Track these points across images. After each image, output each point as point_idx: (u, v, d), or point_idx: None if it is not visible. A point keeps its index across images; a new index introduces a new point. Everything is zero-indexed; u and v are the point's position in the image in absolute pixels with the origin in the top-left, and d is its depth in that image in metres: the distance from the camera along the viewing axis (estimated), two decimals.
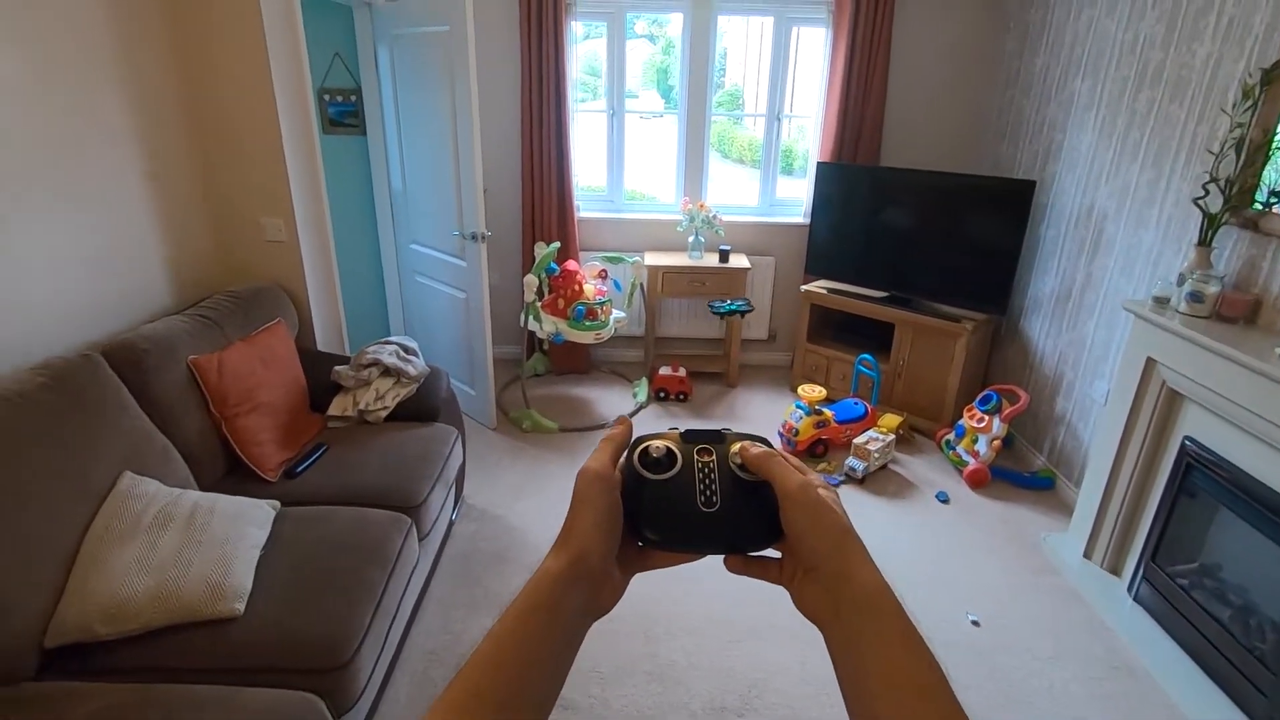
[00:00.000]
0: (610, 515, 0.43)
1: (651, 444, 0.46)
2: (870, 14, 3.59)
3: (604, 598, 0.43)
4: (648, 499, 0.44)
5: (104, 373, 1.83)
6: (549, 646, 0.40)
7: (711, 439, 0.47)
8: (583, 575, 0.41)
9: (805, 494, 0.43)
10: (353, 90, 3.66)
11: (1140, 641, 2.24)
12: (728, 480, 0.45)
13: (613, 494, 0.44)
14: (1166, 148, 2.52)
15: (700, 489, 0.44)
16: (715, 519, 0.44)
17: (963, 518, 2.91)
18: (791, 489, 0.43)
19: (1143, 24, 2.66)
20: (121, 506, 1.67)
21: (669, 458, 0.45)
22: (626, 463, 0.46)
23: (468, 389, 3.49)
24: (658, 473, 0.45)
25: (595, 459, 0.45)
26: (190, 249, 2.53)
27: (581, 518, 0.43)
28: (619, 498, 0.44)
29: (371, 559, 1.82)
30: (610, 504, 0.43)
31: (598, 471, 0.44)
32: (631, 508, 0.44)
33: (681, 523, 0.44)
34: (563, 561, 0.41)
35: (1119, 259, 2.78)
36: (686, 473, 0.45)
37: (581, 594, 0.41)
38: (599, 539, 0.42)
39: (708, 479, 0.45)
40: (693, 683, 2.05)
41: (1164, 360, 2.26)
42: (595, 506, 0.43)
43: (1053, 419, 3.20)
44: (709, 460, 0.45)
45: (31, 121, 1.87)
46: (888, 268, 3.69)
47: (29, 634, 1.45)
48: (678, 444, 0.46)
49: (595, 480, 0.43)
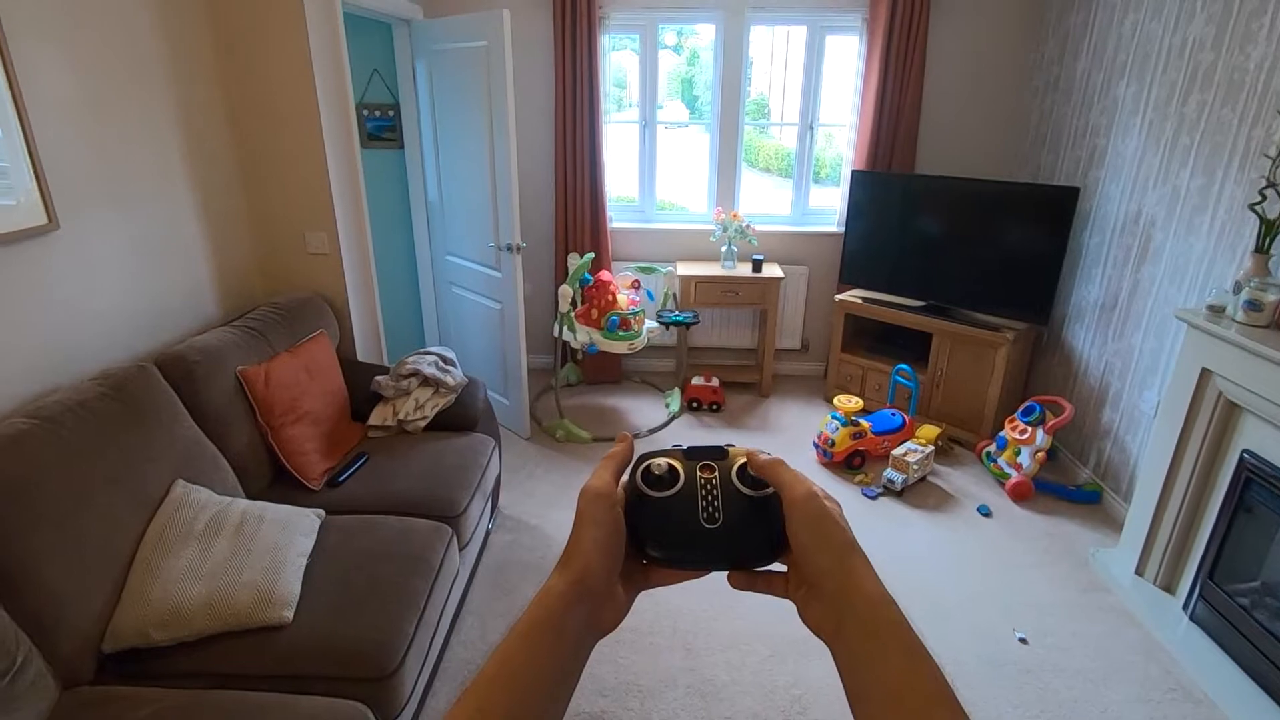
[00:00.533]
0: (613, 533, 0.43)
1: (653, 461, 0.46)
2: (905, 21, 3.56)
3: (608, 616, 0.43)
4: (650, 516, 0.45)
5: (158, 383, 1.88)
6: (553, 665, 0.40)
7: (714, 456, 0.47)
8: (586, 594, 0.41)
9: (811, 504, 0.43)
10: (391, 105, 3.73)
11: (1198, 663, 2.16)
12: (730, 496, 0.45)
13: (615, 512, 0.44)
14: (1219, 152, 2.45)
15: (702, 505, 0.44)
16: (718, 535, 0.44)
17: (1006, 531, 2.85)
18: (798, 498, 0.43)
19: (1191, 27, 2.60)
20: (175, 514, 1.71)
21: (671, 475, 0.45)
22: (629, 480, 0.46)
23: (502, 399, 3.51)
24: (660, 490, 0.45)
25: (597, 477, 0.45)
26: (237, 262, 2.60)
27: (584, 536, 0.43)
28: (622, 515, 0.44)
29: (415, 568, 1.84)
30: (613, 522, 0.43)
31: (600, 490, 0.44)
32: (634, 525, 0.45)
33: (684, 540, 0.44)
34: (566, 580, 0.41)
35: (1168, 266, 2.71)
36: (689, 490, 0.45)
37: (585, 612, 0.41)
38: (602, 557, 0.42)
39: (710, 495, 0.45)
40: (735, 698, 2.03)
41: (1220, 371, 2.18)
42: (598, 525, 0.43)
43: (1098, 431, 3.12)
44: (711, 477, 0.46)
45: (89, 140, 1.94)
46: (924, 276, 3.63)
47: (88, 639, 1.49)
48: (680, 461, 0.46)
49: (597, 499, 0.43)
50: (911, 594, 2.46)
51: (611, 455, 0.47)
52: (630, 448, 0.48)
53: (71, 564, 1.48)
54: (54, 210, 1.79)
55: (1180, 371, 2.34)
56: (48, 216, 1.78)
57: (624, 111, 4.46)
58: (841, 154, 4.11)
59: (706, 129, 4.07)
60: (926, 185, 3.64)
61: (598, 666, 2.12)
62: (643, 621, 2.30)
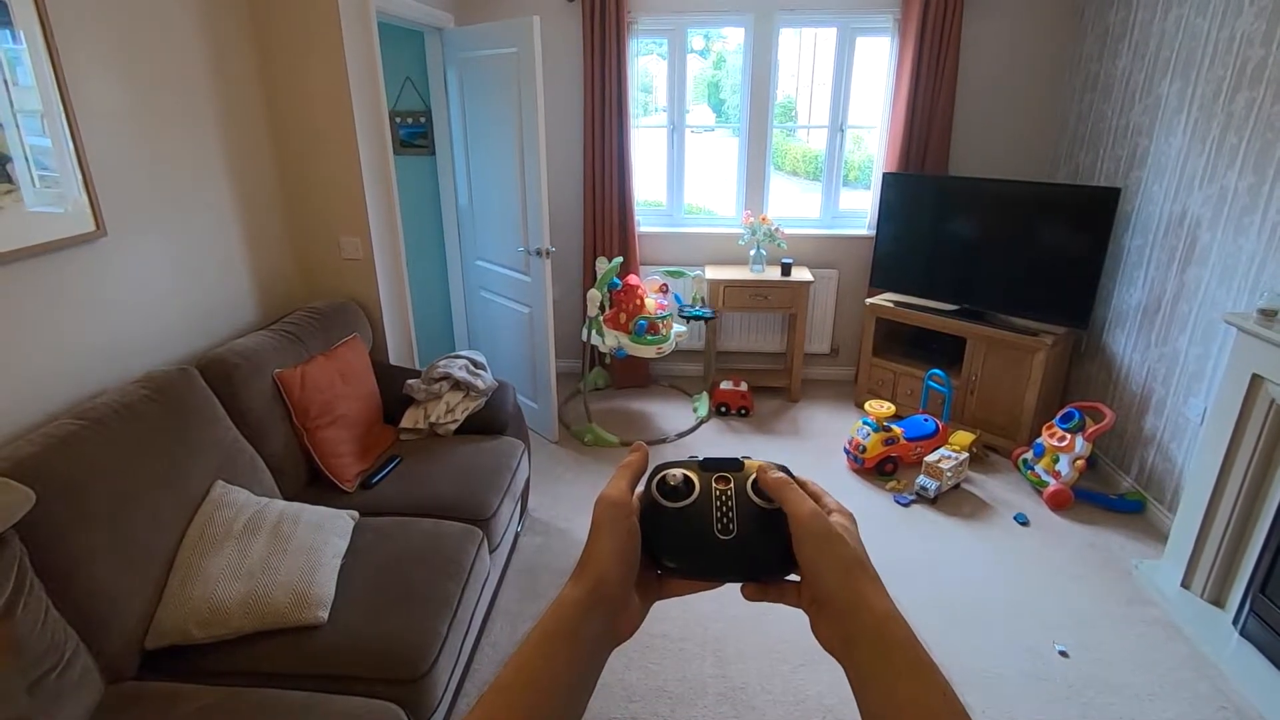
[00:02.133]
0: (628, 543, 0.43)
1: (669, 472, 0.46)
2: (938, 21, 3.51)
3: (622, 625, 0.43)
4: (665, 527, 0.45)
5: (199, 386, 1.92)
6: (568, 674, 0.40)
7: (729, 467, 0.47)
8: (601, 602, 0.41)
9: (816, 523, 0.42)
10: (422, 112, 3.78)
11: (1249, 680, 2.08)
12: (745, 508, 0.45)
13: (630, 521, 0.44)
14: (1269, 151, 2.37)
15: (717, 517, 0.45)
16: (732, 547, 0.44)
17: (1045, 541, 2.77)
18: (803, 517, 0.43)
19: (1239, 21, 2.51)
20: (215, 514, 1.74)
21: (686, 485, 0.46)
22: (645, 490, 0.46)
23: (530, 403, 3.53)
24: (675, 501, 0.45)
25: (613, 486, 0.45)
26: (274, 267, 2.65)
27: (600, 545, 0.43)
28: (637, 525, 0.44)
29: (447, 571, 1.85)
30: (628, 531, 0.43)
31: (615, 499, 0.44)
32: (649, 535, 0.45)
33: (699, 551, 0.44)
34: (582, 589, 0.41)
35: (1215, 269, 2.62)
36: (704, 501, 0.45)
37: (600, 621, 0.41)
38: (617, 566, 0.42)
39: (725, 507, 0.45)
40: (765, 707, 2.00)
41: (1272, 377, 2.10)
42: (613, 534, 0.43)
43: (1141, 438, 3.03)
44: (726, 488, 0.46)
45: (136, 150, 1.99)
46: (958, 280, 3.57)
47: (133, 635, 1.53)
48: (696, 472, 0.47)
49: (612, 507, 0.43)
50: (946, 604, 2.41)
51: (627, 464, 0.47)
52: (645, 456, 0.48)
53: (118, 562, 1.51)
54: (102, 218, 1.85)
55: (1230, 377, 2.26)
56: (96, 224, 1.83)
57: (650, 116, 4.46)
58: (871, 156, 4.06)
59: (734, 132, 4.06)
60: (960, 187, 3.58)
61: (626, 673, 2.11)
62: (673, 628, 2.28)
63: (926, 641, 2.21)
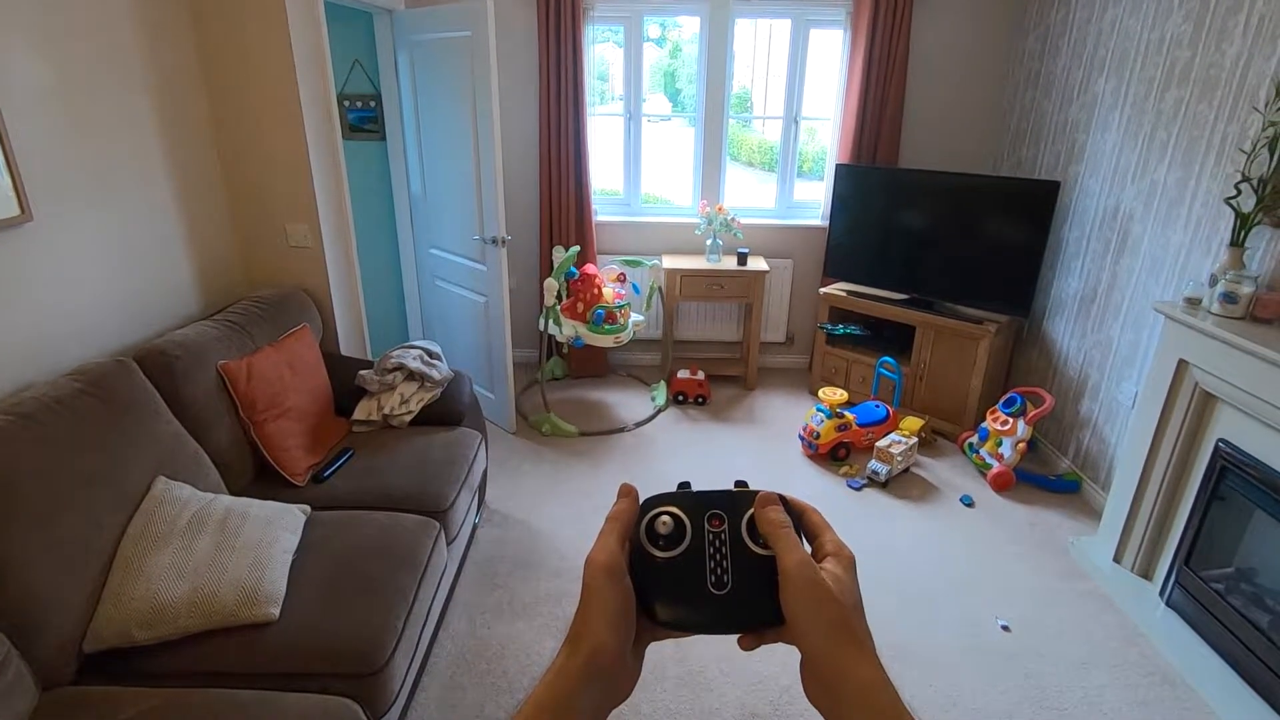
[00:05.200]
0: (623, 608, 0.41)
1: (660, 518, 0.44)
2: (888, 16, 3.58)
3: (622, 687, 0.42)
4: (656, 578, 0.43)
5: (137, 378, 1.84)
6: None
7: (723, 504, 0.44)
8: (599, 673, 0.40)
9: (803, 574, 0.40)
10: (372, 96, 3.68)
11: (1175, 648, 2.21)
12: (740, 555, 0.43)
13: (623, 583, 0.42)
14: (1195, 147, 2.50)
15: (711, 566, 0.42)
16: (727, 600, 0.42)
17: (988, 521, 2.89)
18: (790, 568, 0.41)
19: (1169, 23, 2.63)
20: (156, 511, 1.68)
21: (678, 530, 0.43)
22: (634, 538, 0.44)
23: (487, 393, 3.49)
24: (667, 550, 0.43)
25: (601, 547, 0.43)
26: (217, 255, 2.55)
27: (593, 612, 0.41)
28: (630, 586, 0.42)
29: (402, 564, 1.82)
30: (621, 595, 0.42)
31: (605, 564, 0.42)
32: (640, 586, 0.43)
33: (693, 605, 0.42)
34: (578, 660, 0.40)
35: (1146, 260, 2.76)
36: (696, 547, 0.43)
37: (598, 691, 0.40)
38: (612, 634, 0.41)
39: (719, 553, 0.43)
40: (723, 689, 2.04)
41: (1196, 362, 2.23)
42: (605, 599, 0.41)
43: (1078, 422, 3.17)
44: (720, 530, 0.43)
45: (65, 131, 1.89)
46: (908, 270, 3.67)
47: (68, 639, 1.46)
48: (688, 510, 0.44)
49: (602, 572, 0.42)
50: (896, 584, 2.49)
51: (614, 516, 0.44)
52: (633, 504, 0.45)
53: (51, 563, 1.45)
54: (27, 202, 1.74)
55: (1158, 363, 2.38)
56: (20, 209, 1.73)
57: (607, 104, 4.44)
58: (825, 148, 4.13)
59: (690, 122, 4.07)
60: (910, 179, 3.67)
61: None
62: None
63: (877, 620, 2.28)
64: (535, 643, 2.20)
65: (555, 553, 2.63)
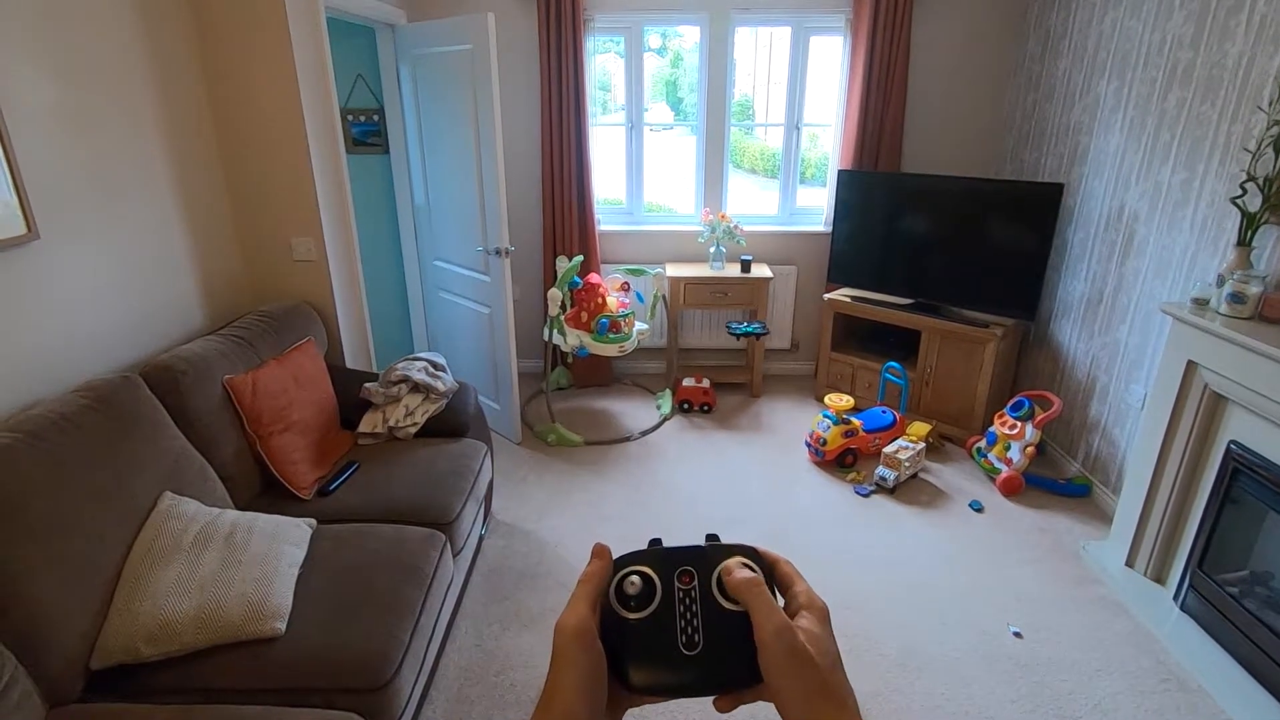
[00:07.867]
0: (594, 674, 0.41)
1: (628, 579, 0.43)
2: (889, 22, 3.59)
3: None
4: (627, 641, 0.42)
5: (143, 394, 1.85)
6: None
7: (693, 559, 0.43)
8: None
9: (780, 641, 0.40)
10: (375, 110, 3.71)
11: (1190, 653, 2.18)
12: (711, 613, 0.42)
13: (594, 649, 0.41)
14: (1199, 148, 2.49)
15: (681, 626, 0.42)
16: (699, 661, 0.41)
17: (998, 526, 2.86)
18: (766, 636, 0.40)
19: (1170, 24, 2.63)
20: (163, 526, 1.68)
21: (647, 589, 0.43)
22: (605, 600, 0.43)
23: (492, 404, 3.49)
24: (637, 609, 0.42)
25: (573, 611, 0.42)
26: (222, 270, 2.56)
27: (563, 680, 0.40)
28: (601, 651, 0.41)
29: (409, 577, 1.82)
30: (593, 661, 0.41)
31: (575, 628, 0.41)
32: (612, 649, 0.42)
33: (665, 667, 0.41)
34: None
35: (1152, 261, 2.74)
36: (665, 608, 0.42)
37: None
38: (583, 701, 0.40)
39: (689, 612, 0.42)
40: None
41: (1205, 363, 2.21)
42: (576, 666, 0.40)
43: (1086, 425, 3.15)
44: (690, 587, 0.43)
45: (70, 149, 1.91)
46: (912, 274, 3.66)
47: (75, 656, 1.46)
48: (657, 568, 0.43)
49: (574, 638, 0.41)
50: (905, 591, 2.47)
51: (586, 579, 0.44)
52: (606, 565, 0.44)
53: (57, 580, 1.45)
54: (34, 220, 1.76)
55: (1166, 365, 2.36)
56: (27, 227, 1.74)
57: (609, 114, 4.45)
58: (827, 154, 4.13)
59: (692, 130, 4.08)
60: (912, 184, 3.66)
61: None
62: None
63: (887, 628, 2.26)
64: (543, 654, 2.18)
65: (562, 563, 2.62)
